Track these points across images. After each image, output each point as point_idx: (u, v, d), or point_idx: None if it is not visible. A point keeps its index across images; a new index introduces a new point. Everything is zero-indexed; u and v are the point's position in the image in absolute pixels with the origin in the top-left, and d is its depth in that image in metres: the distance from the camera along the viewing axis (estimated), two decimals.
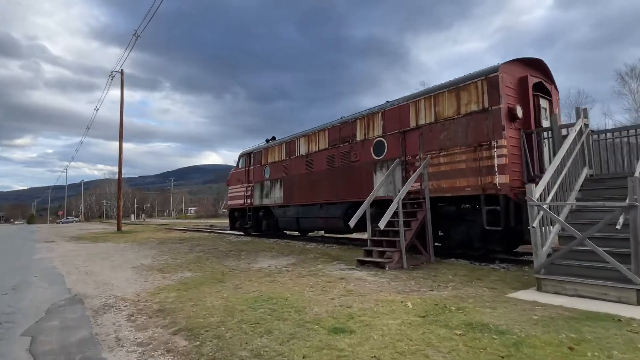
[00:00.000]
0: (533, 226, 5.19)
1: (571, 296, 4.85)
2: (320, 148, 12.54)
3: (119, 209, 28.73)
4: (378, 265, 7.68)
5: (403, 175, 9.43)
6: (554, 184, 5.81)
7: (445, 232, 8.94)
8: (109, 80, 29.91)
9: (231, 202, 18.95)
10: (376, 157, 10.33)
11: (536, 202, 5.28)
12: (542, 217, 5.43)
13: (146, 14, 22.07)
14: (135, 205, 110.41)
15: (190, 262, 9.32)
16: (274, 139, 16.63)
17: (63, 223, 71.34)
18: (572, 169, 6.34)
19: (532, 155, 7.75)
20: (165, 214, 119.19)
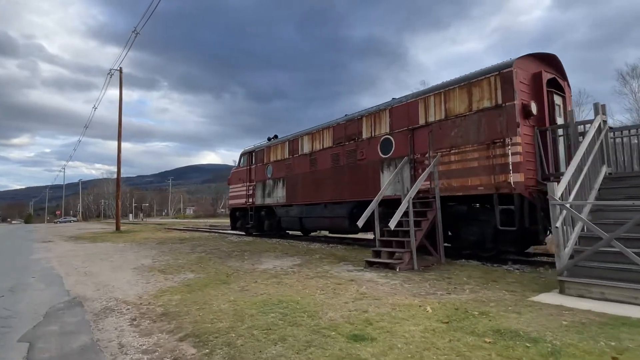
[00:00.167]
0: (556, 226, 4.95)
1: (597, 300, 4.61)
2: (325, 146, 12.28)
3: (117, 208, 28.39)
4: (388, 267, 7.44)
5: (411, 173, 9.18)
6: (575, 182, 5.58)
7: (455, 233, 8.70)
8: (108, 79, 29.63)
9: (232, 202, 18.68)
10: (383, 155, 10.08)
11: (559, 201, 5.04)
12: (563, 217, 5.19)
13: (145, 12, 21.79)
14: (133, 204, 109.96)
15: (192, 263, 9.07)
16: (275, 137, 16.36)
17: (61, 223, 70.92)
18: (590, 167, 6.11)
19: (546, 153, 7.52)
20: (164, 213, 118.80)
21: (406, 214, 7.56)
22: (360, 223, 7.82)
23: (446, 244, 8.61)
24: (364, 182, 10.65)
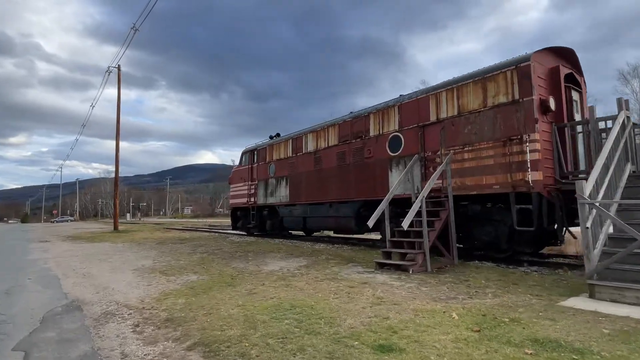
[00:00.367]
0: (587, 227, 4.66)
1: (634, 305, 4.32)
2: (330, 144, 11.95)
3: (115, 207, 27.99)
4: (400, 268, 7.14)
5: (422, 172, 8.87)
6: (602, 181, 5.30)
7: (468, 233, 8.38)
8: (106, 76, 29.25)
9: (233, 201, 18.33)
10: (392, 153, 9.77)
11: (589, 200, 4.76)
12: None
13: (144, 9, 21.44)
14: (131, 204, 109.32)
15: (194, 264, 8.75)
16: (278, 135, 16.05)
17: (58, 222, 70.38)
18: (616, 165, 5.83)
19: (564, 151, 7.24)
20: (161, 213, 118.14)
21: (418, 213, 7.26)
22: (371, 223, 7.52)
23: (457, 245, 8.32)
24: (371, 180, 10.34)
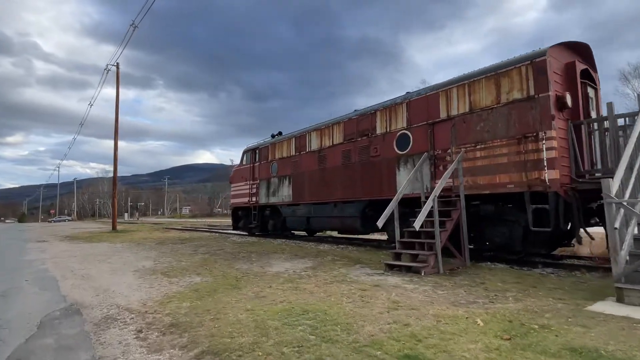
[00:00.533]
0: (615, 227, 4.42)
1: None
2: (335, 142, 11.70)
3: (114, 207, 27.66)
4: (411, 270, 6.89)
5: (432, 170, 8.63)
6: (628, 179, 5.06)
7: (479, 233, 8.14)
8: (104, 74, 28.92)
9: (234, 201, 18.06)
10: (399, 152, 9.52)
11: (616, 199, 4.52)
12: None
13: (143, 6, 21.10)
14: (129, 204, 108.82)
15: (197, 265, 8.49)
16: (280, 134, 15.80)
17: (55, 222, 69.91)
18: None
19: (581, 149, 7.01)
20: (159, 213, 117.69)
21: (431, 213, 7.02)
22: (381, 223, 7.27)
23: (470, 246, 8.09)
24: (377, 179, 10.10)
